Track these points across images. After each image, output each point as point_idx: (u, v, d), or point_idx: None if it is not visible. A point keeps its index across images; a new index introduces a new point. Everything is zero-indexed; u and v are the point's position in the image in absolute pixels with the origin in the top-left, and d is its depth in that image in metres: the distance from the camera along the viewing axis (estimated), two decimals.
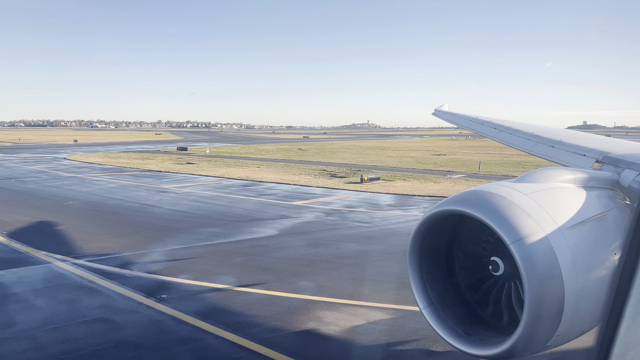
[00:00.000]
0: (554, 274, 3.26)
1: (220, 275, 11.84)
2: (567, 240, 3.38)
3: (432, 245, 4.06)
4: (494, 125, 8.50)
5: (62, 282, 11.31)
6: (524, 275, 3.21)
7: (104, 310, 9.61)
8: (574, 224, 3.49)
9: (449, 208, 3.68)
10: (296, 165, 45.84)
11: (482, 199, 3.54)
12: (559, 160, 5.95)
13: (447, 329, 3.92)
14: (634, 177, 4.36)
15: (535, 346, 3.43)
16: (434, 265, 4.13)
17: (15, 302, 10.02)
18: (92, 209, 21.41)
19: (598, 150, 5.38)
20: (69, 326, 8.82)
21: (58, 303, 10.02)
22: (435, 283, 4.10)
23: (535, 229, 3.32)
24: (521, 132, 7.50)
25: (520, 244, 3.24)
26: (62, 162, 49.02)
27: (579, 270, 3.36)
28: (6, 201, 23.41)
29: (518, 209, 3.41)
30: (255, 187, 29.89)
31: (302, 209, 21.68)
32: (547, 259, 3.26)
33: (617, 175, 4.50)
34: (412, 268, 4.07)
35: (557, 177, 3.97)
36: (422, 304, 4.05)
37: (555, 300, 3.27)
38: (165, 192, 26.94)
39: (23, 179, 33.01)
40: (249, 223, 18.40)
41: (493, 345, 3.57)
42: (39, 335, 8.43)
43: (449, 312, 4.04)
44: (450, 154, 65.59)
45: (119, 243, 15.03)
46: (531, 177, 3.95)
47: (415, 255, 4.04)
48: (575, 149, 5.87)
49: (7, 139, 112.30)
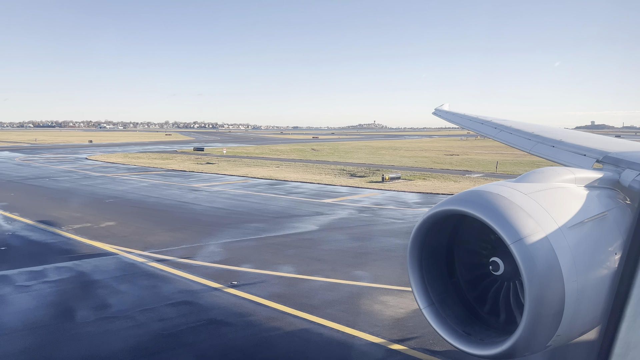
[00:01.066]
0: (554, 273, 3.27)
1: (279, 264, 12.79)
2: (568, 240, 3.39)
3: (432, 245, 4.08)
4: (494, 125, 8.51)
5: (136, 271, 12.31)
6: (524, 275, 3.23)
7: (185, 294, 10.59)
8: (574, 223, 3.50)
9: (450, 208, 3.69)
10: (314, 165, 46.76)
11: (483, 199, 3.56)
12: (559, 160, 5.97)
13: (448, 329, 3.94)
14: (635, 176, 4.34)
15: (535, 346, 3.43)
16: (434, 265, 4.15)
17: (102, 288, 11.02)
18: (134, 206, 22.45)
19: (598, 150, 5.37)
20: (159, 307, 9.81)
21: (140, 288, 11.00)
22: (436, 283, 4.12)
23: (536, 228, 3.33)
24: (521, 131, 7.53)
25: (520, 244, 3.25)
26: (85, 162, 50.26)
27: (579, 270, 3.37)
28: (51, 199, 24.53)
29: (518, 208, 3.42)
30: (281, 186, 30.84)
31: (334, 207, 22.60)
32: (548, 259, 3.27)
33: (618, 175, 4.50)
34: (412, 268, 4.11)
35: (558, 177, 3.97)
36: (422, 303, 4.08)
37: (556, 300, 3.28)
38: (198, 191, 27.97)
39: (56, 178, 34.18)
40: (288, 219, 19.35)
41: (493, 345, 3.58)
42: (135, 315, 9.42)
43: (450, 312, 4.06)
44: (462, 154, 66.26)
45: (173, 237, 16.03)
46: (531, 177, 3.97)
47: (415, 255, 4.07)
48: (576, 148, 5.87)
49: (24, 140, 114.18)
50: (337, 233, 16.78)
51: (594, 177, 4.23)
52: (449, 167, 45.63)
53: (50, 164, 47.43)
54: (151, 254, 13.79)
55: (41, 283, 11.31)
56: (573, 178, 4.02)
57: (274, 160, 54.33)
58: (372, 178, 35.24)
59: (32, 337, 8.42)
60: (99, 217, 19.30)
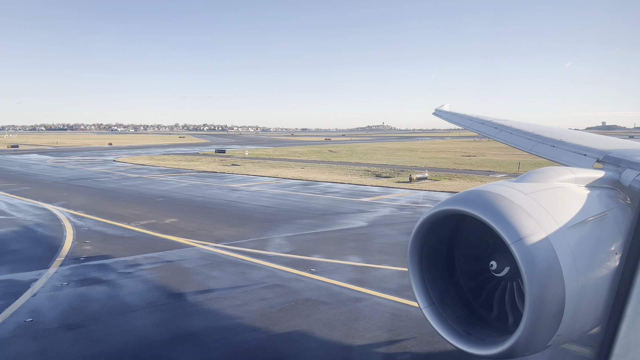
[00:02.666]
0: (554, 273, 3.28)
1: (345, 255, 14.03)
2: (568, 240, 3.40)
3: (432, 245, 4.11)
4: (494, 125, 8.50)
5: (219, 260, 13.61)
6: (525, 275, 3.23)
7: (274, 279, 11.87)
8: (574, 223, 3.51)
9: (450, 208, 3.71)
10: (338, 166, 47.99)
11: (483, 199, 3.57)
12: (559, 159, 5.98)
13: (448, 329, 3.96)
14: (635, 176, 4.35)
15: (536, 346, 3.44)
16: (434, 265, 4.17)
17: (196, 274, 12.33)
18: (185, 205, 23.83)
19: (599, 150, 5.37)
20: (256, 290, 11.09)
21: (231, 274, 12.30)
22: (436, 283, 4.14)
23: (536, 228, 3.33)
24: (522, 131, 7.52)
25: (520, 244, 3.26)
26: (115, 164, 51.88)
27: (579, 270, 3.38)
28: (103, 198, 26.00)
29: (519, 208, 3.43)
30: (314, 186, 32.10)
31: (374, 205, 23.82)
32: (548, 259, 3.27)
33: (618, 175, 4.50)
34: (412, 268, 4.13)
35: (558, 177, 3.98)
36: (422, 303, 4.10)
37: (556, 300, 3.28)
38: (238, 191, 29.32)
39: (97, 179, 35.74)
40: (335, 216, 20.60)
41: (494, 345, 3.59)
42: (238, 295, 10.71)
43: (450, 312, 4.07)
44: (479, 155, 67.09)
45: (237, 231, 17.34)
46: (532, 176, 3.98)
47: (415, 254, 4.09)
48: (576, 148, 5.88)
49: (44, 142, 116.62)
50: (386, 229, 17.99)
51: (595, 177, 4.23)
52: (470, 167, 46.66)
53: (82, 165, 49.12)
54: (225, 246, 15.10)
55: (139, 270, 12.66)
56: (573, 178, 4.02)
57: (296, 161, 55.62)
58: (399, 178, 36.38)
59: (159, 313, 9.75)
60: (159, 215, 20.68)
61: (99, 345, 8.30)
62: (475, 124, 9.31)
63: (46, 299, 10.56)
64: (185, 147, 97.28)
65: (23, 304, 10.25)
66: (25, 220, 19.52)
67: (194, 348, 8.18)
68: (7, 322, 9.25)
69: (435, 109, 11.80)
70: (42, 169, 44.56)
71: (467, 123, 9.71)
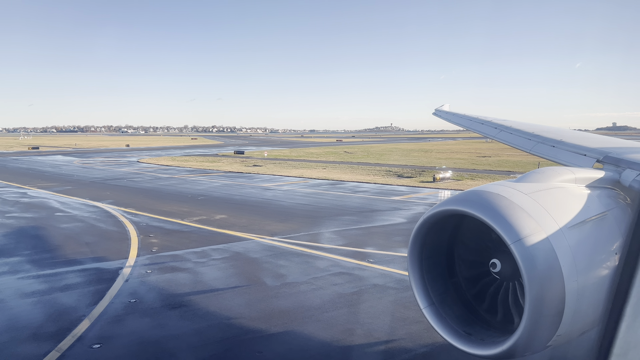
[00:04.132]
0: (554, 273, 3.29)
1: (396, 247, 15.14)
2: (568, 240, 3.41)
3: (432, 245, 4.12)
4: (494, 125, 8.52)
5: (281, 251, 14.77)
6: (525, 275, 3.25)
7: (338, 267, 13.01)
8: (574, 223, 3.52)
9: (450, 208, 3.73)
10: (358, 167, 49.07)
11: (483, 199, 3.59)
12: (559, 159, 5.99)
13: (448, 329, 3.96)
14: (635, 176, 4.36)
15: (536, 346, 3.46)
16: (434, 265, 4.18)
17: (265, 263, 13.50)
18: (227, 203, 25.06)
19: (599, 150, 5.39)
20: (325, 277, 12.24)
21: (297, 264, 13.45)
22: (436, 283, 4.14)
23: (536, 228, 3.35)
24: (522, 131, 7.55)
25: (520, 244, 3.27)
26: (140, 165, 53.36)
27: (579, 270, 3.39)
28: (146, 197, 27.32)
29: (519, 208, 3.44)
30: (341, 185, 33.22)
31: (406, 203, 24.90)
32: (548, 259, 3.29)
33: (618, 175, 4.51)
34: (412, 268, 4.12)
35: (558, 177, 4.00)
36: (422, 303, 4.08)
37: (556, 300, 3.30)
38: (271, 190, 30.53)
39: (131, 179, 37.14)
40: (373, 213, 21.72)
41: (494, 345, 3.60)
42: (311, 281, 11.86)
43: (450, 312, 4.08)
44: (494, 156, 67.81)
45: (286, 226, 18.51)
46: (532, 176, 4.00)
47: (415, 255, 4.09)
48: (576, 148, 5.89)
49: (63, 144, 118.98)
50: None
51: (594, 177, 4.26)
52: (488, 167, 47.56)
53: (110, 166, 50.65)
54: (282, 239, 16.27)
55: (212, 260, 13.86)
56: (573, 178, 4.05)
57: (316, 162, 56.76)
58: (421, 178, 37.36)
59: (246, 295, 10.93)
60: (207, 211, 21.92)
61: (205, 320, 9.50)
62: (476, 124, 9.33)
63: (138, 284, 11.77)
64: (201, 148, 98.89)
65: (120, 287, 11.47)
66: (84, 217, 20.84)
67: (288, 322, 9.34)
68: (114, 303, 10.47)
69: (435, 109, 11.77)
70: (73, 170, 46.12)
71: (467, 123, 9.74)
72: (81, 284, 11.76)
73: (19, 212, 22.37)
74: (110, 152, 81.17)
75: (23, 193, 29.19)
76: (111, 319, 9.55)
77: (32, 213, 21.99)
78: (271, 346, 8.39)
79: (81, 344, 8.46)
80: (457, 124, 10.16)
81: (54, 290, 11.31)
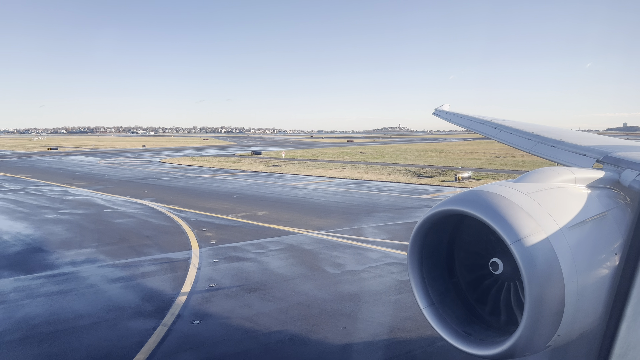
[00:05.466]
0: (554, 273, 3.31)
1: None
2: (568, 240, 3.42)
3: (432, 245, 4.15)
4: (494, 125, 8.53)
5: (331, 244, 15.86)
6: (525, 275, 3.28)
7: (389, 258, 14.07)
8: (574, 223, 3.53)
9: (449, 208, 3.77)
10: (377, 167, 50.07)
11: (482, 199, 3.60)
12: (559, 159, 5.99)
13: (448, 329, 3.99)
14: (635, 176, 4.40)
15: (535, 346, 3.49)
16: (434, 265, 4.20)
17: (320, 254, 14.60)
18: (263, 200, 26.21)
19: (599, 150, 5.42)
20: (380, 266, 13.31)
21: (350, 255, 14.53)
22: (436, 283, 4.17)
23: (536, 228, 3.36)
24: (521, 131, 7.56)
25: (520, 244, 3.30)
26: (164, 165, 54.74)
27: (579, 270, 3.41)
28: (184, 195, 28.54)
29: (518, 208, 3.45)
30: (366, 184, 34.27)
31: (435, 201, 25.87)
32: (548, 259, 3.30)
33: (618, 175, 4.54)
34: (412, 268, 4.15)
35: (558, 177, 4.03)
36: (422, 303, 4.12)
37: (556, 300, 3.33)
38: (300, 189, 31.66)
39: (162, 178, 38.45)
40: (406, 210, 22.76)
41: (493, 345, 3.64)
42: (367, 269, 12.93)
43: (450, 312, 4.11)
44: (509, 156, 68.38)
45: (328, 222, 19.60)
46: (531, 176, 4.03)
47: (415, 255, 4.12)
48: (576, 148, 5.90)
49: (80, 145, 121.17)
50: None
51: (594, 177, 4.29)
52: (506, 167, 48.39)
53: (135, 166, 52.09)
54: (328, 233, 17.36)
55: (270, 251, 14.99)
56: (573, 178, 4.08)
57: (334, 162, 57.83)
58: (443, 178, 38.28)
59: (313, 280, 12.03)
60: (248, 208, 23.08)
61: (284, 301, 10.61)
62: (475, 124, 9.35)
63: (211, 271, 12.92)
64: (216, 149, 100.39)
65: (196, 274, 12.62)
66: (133, 213, 22.09)
67: (360, 304, 10.42)
68: (196, 287, 11.62)
69: (435, 109, 11.75)
70: (101, 170, 47.58)
71: (467, 123, 9.75)
72: (159, 271, 12.93)
73: (70, 208, 23.67)
74: (130, 153, 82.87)
75: (64, 191, 30.56)
76: (201, 300, 10.70)
77: (82, 210, 23.28)
78: (352, 323, 9.48)
79: (182, 321, 9.60)
80: (457, 124, 10.24)
81: (136, 277, 12.49)
